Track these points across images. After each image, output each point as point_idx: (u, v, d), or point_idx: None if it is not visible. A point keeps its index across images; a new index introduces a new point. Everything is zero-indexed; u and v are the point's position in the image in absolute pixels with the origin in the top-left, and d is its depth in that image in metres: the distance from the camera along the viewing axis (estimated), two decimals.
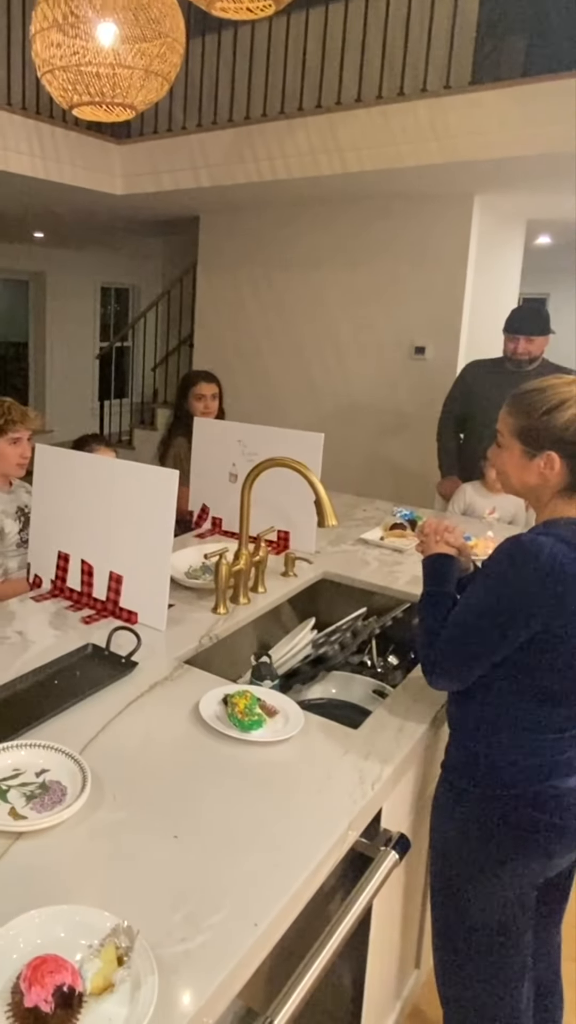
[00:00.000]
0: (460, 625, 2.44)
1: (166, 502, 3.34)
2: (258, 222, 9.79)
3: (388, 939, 2.95)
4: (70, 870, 1.90)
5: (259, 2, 2.99)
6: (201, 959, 1.64)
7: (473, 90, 6.51)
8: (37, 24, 3.08)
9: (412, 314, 8.81)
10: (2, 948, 1.61)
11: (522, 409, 2.47)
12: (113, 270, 15.60)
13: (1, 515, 4.27)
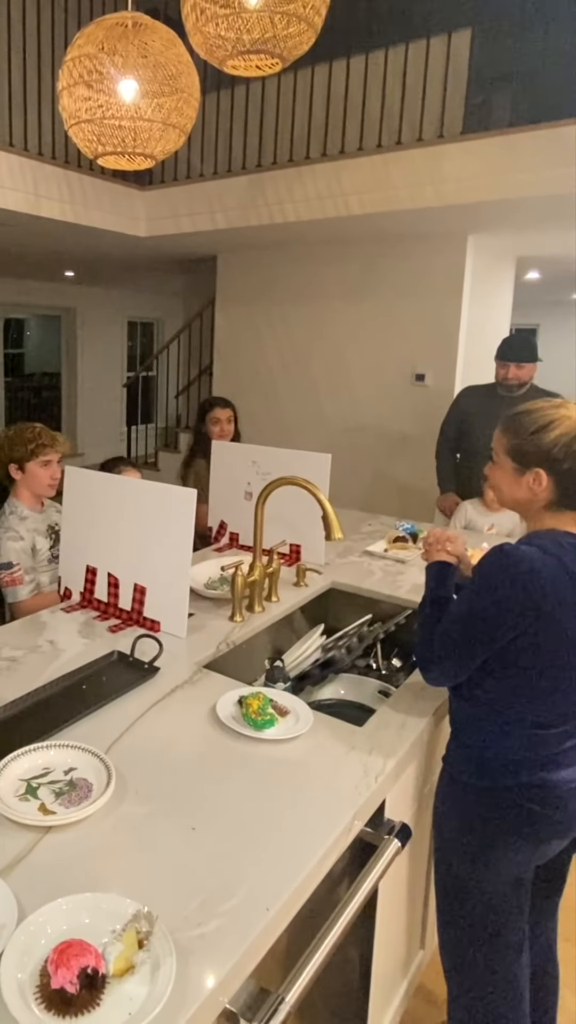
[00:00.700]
0: (451, 625, 2.47)
1: (185, 519, 3.35)
2: (270, 261, 9.81)
3: (394, 921, 2.94)
4: (95, 861, 1.90)
5: (267, 60, 2.99)
6: (216, 942, 1.65)
7: (464, 139, 6.52)
8: (64, 80, 3.10)
9: (412, 344, 8.81)
10: (31, 934, 1.62)
11: (513, 429, 2.48)
12: (138, 305, 15.62)
13: (33, 533, 4.28)
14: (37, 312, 14.23)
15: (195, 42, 2.95)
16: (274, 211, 7.73)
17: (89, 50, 3.01)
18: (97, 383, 14.97)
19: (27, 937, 1.61)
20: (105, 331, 15.05)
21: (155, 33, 3.05)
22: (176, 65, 3.09)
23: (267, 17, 2.78)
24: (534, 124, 6.17)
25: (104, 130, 3.18)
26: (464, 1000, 2.70)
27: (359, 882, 2.11)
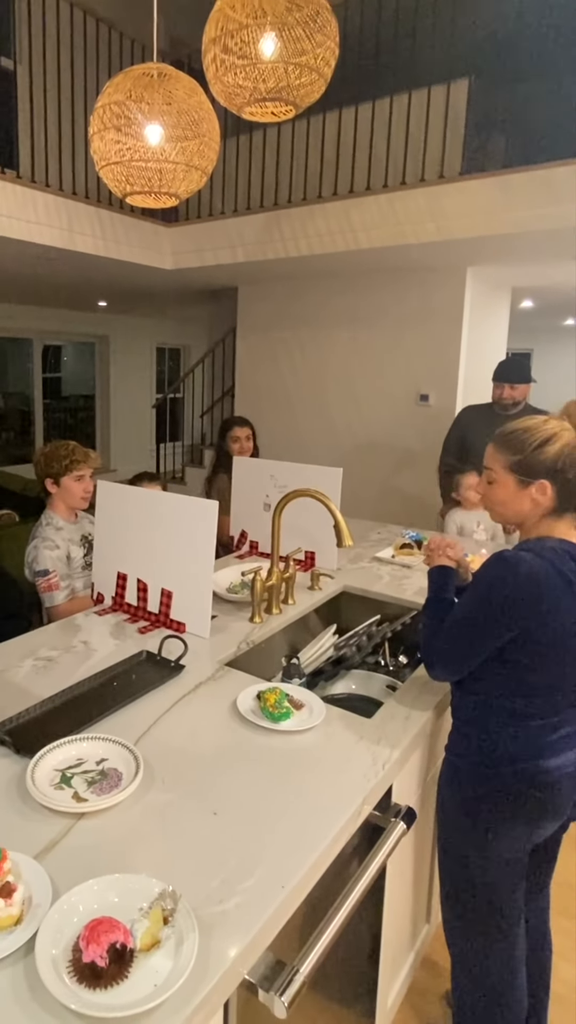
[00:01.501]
0: (454, 625, 2.48)
1: (208, 528, 3.35)
2: (286, 291, 9.81)
3: (401, 897, 2.95)
4: (124, 844, 1.90)
5: (282, 107, 2.99)
6: (236, 918, 1.66)
7: (463, 179, 6.52)
8: (95, 126, 3.10)
9: (416, 367, 8.81)
10: (65, 912, 1.63)
11: (513, 447, 2.48)
12: (166, 333, 15.63)
13: (68, 542, 4.29)
14: (73, 339, 14.25)
15: (215, 90, 2.95)
16: (289, 246, 7.74)
17: (118, 98, 3.02)
18: (128, 404, 14.98)
19: (60, 915, 1.62)
20: (135, 356, 15.07)
21: (179, 82, 3.06)
22: (198, 112, 3.09)
23: (281, 68, 2.78)
24: (527, 166, 6.17)
25: (132, 171, 3.18)
26: (466, 968, 2.73)
27: (368, 861, 2.13)
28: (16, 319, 12.66)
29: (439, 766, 2.84)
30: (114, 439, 14.75)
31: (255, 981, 1.65)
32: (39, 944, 1.54)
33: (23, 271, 8.72)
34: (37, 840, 1.91)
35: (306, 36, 2.73)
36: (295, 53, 2.76)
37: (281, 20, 2.68)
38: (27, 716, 2.58)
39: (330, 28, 2.75)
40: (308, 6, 2.69)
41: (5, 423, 13.47)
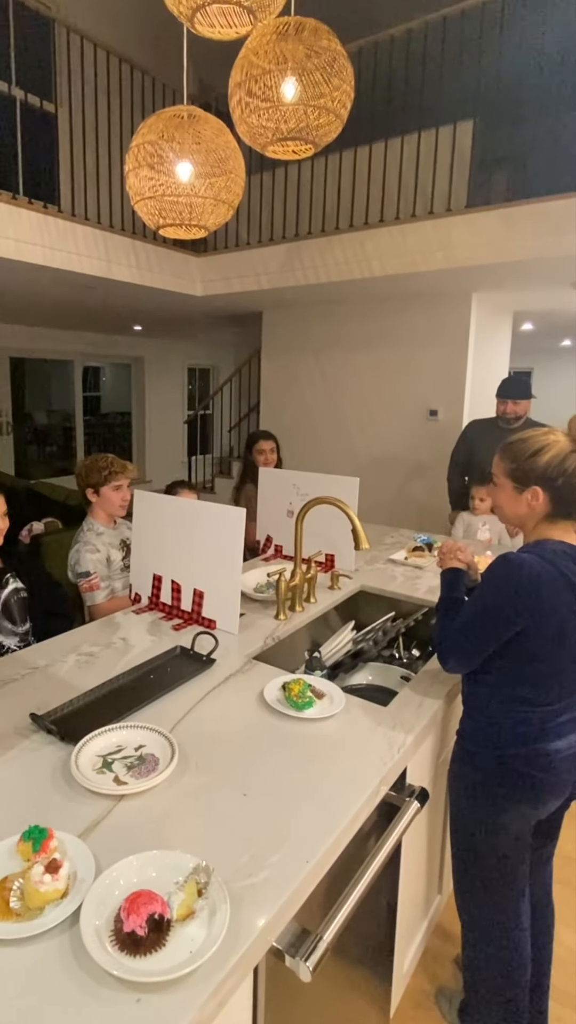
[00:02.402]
0: (464, 622, 2.51)
1: (236, 533, 3.36)
2: (307, 316, 9.81)
3: (415, 870, 2.96)
4: (161, 823, 1.91)
5: (302, 146, 3.00)
6: (264, 890, 1.66)
7: (469, 212, 6.52)
8: (130, 163, 3.11)
9: (426, 385, 8.80)
10: (107, 886, 1.64)
11: (511, 455, 2.54)
12: (196, 354, 15.65)
13: (108, 546, 4.29)
14: (111, 361, 14.27)
15: (241, 131, 2.95)
16: (309, 274, 7.75)
17: (151, 137, 3.03)
18: (162, 420, 15.00)
19: (103, 889, 1.63)
20: (168, 376, 15.09)
21: (207, 123, 3.06)
22: (225, 150, 3.10)
23: (301, 109, 2.78)
24: (527, 199, 6.17)
25: (165, 205, 3.19)
26: (475, 933, 2.76)
27: (385, 838, 2.13)
28: (59, 342, 12.69)
29: (450, 749, 2.86)
30: (149, 452, 14.77)
31: (282, 948, 1.66)
32: (84, 915, 1.55)
33: (65, 298, 8.75)
34: (81, 820, 1.92)
35: (324, 80, 2.73)
36: (314, 96, 2.76)
37: (301, 66, 2.69)
38: (71, 707, 2.59)
39: (346, 73, 2.76)
40: (325, 53, 2.69)
41: (49, 438, 13.52)
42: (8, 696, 2.70)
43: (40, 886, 1.60)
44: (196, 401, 16.03)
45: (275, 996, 1.79)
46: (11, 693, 2.73)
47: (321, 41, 2.68)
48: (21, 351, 12.16)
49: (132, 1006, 1.38)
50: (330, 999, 2.22)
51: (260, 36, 2.70)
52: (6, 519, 3.63)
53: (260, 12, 2.30)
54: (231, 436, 14.21)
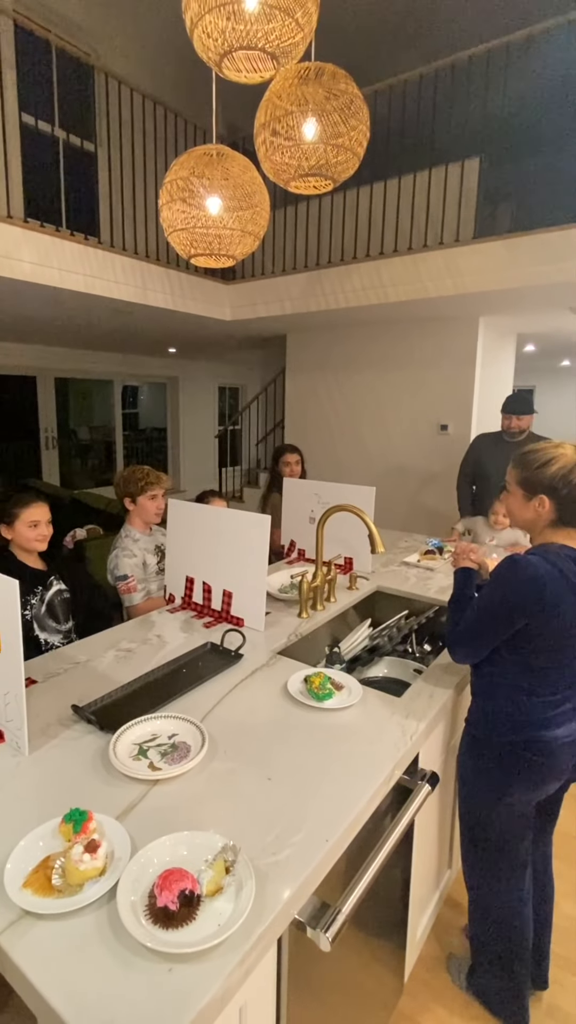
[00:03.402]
0: (473, 617, 2.54)
1: (262, 539, 3.36)
2: (328, 338, 9.81)
3: (427, 848, 2.96)
4: (192, 806, 1.91)
5: (322, 181, 3.00)
6: (287, 867, 1.67)
7: (476, 242, 6.50)
8: (164, 198, 3.12)
9: (437, 402, 8.78)
10: (142, 864, 1.64)
11: (522, 465, 2.56)
12: (226, 374, 15.67)
13: (144, 551, 4.30)
14: (148, 380, 14.30)
15: (266, 168, 2.96)
16: (329, 300, 7.75)
17: (183, 174, 3.03)
18: (195, 435, 15.02)
19: (138, 867, 1.64)
20: (200, 394, 15.11)
21: (235, 161, 3.07)
22: (251, 185, 3.10)
23: (321, 148, 2.79)
24: (529, 231, 6.16)
25: (196, 236, 3.20)
26: (481, 904, 2.81)
27: (399, 818, 2.15)
28: (100, 364, 12.73)
29: (459, 736, 2.90)
30: (183, 464, 14.79)
31: (304, 920, 1.68)
32: (120, 891, 1.56)
33: (105, 323, 8.78)
34: (118, 803, 1.93)
35: (342, 121, 2.73)
36: (333, 136, 2.77)
37: (321, 107, 2.69)
38: (110, 698, 2.60)
39: (362, 114, 2.76)
40: (343, 95, 2.69)
41: (91, 452, 13.54)
42: (52, 689, 2.71)
43: (80, 864, 1.61)
44: (226, 417, 16.06)
45: (297, 965, 1.79)
46: (55, 686, 2.74)
47: (339, 84, 2.69)
48: (66, 372, 12.21)
49: (165, 975, 1.39)
50: (348, 966, 2.21)
51: (283, 80, 2.70)
52: (50, 526, 3.65)
53: (283, 57, 2.30)
54: (258, 449, 14.23)
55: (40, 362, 11.69)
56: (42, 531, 3.60)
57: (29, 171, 7.85)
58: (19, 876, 1.62)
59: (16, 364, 11.32)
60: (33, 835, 1.75)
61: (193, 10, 2.16)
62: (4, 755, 2.19)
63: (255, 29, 2.16)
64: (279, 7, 2.09)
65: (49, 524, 3.63)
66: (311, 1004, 1.93)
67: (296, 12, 2.12)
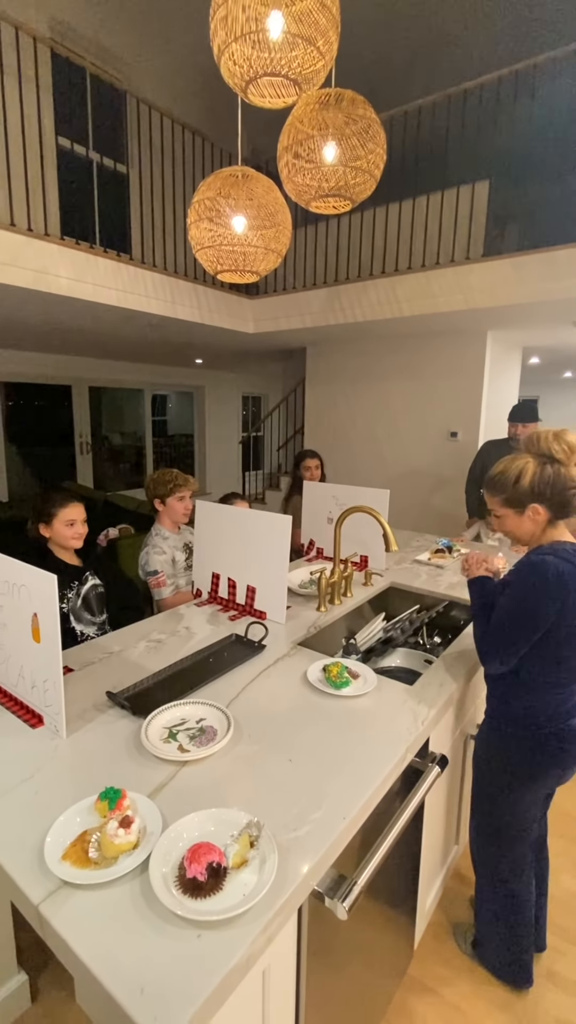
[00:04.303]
0: (499, 625, 2.50)
1: (283, 538, 3.37)
2: (345, 350, 9.82)
3: (436, 825, 2.98)
4: (219, 785, 1.92)
5: (341, 202, 3.01)
6: (307, 842, 1.68)
7: (485, 260, 6.49)
8: (192, 217, 3.13)
9: (447, 410, 8.78)
10: (172, 839, 1.66)
11: (499, 488, 2.56)
12: (249, 384, 15.67)
13: (173, 549, 4.32)
14: (176, 389, 14.30)
15: (288, 188, 2.97)
16: (347, 314, 7.75)
17: (210, 194, 3.05)
18: (220, 441, 15.02)
19: (168, 841, 1.65)
20: (225, 403, 15.11)
21: (259, 182, 3.08)
22: (274, 205, 3.11)
23: (341, 170, 2.80)
24: (534, 249, 6.15)
25: (222, 253, 3.21)
26: (489, 878, 2.84)
27: (410, 797, 2.17)
28: (131, 374, 12.75)
29: (467, 723, 2.97)
30: (209, 468, 14.79)
31: (322, 891, 1.69)
32: (152, 864, 1.58)
33: (137, 336, 8.79)
34: (150, 782, 1.94)
35: (360, 144, 2.74)
36: (351, 158, 2.77)
37: (340, 132, 2.70)
38: (141, 686, 2.61)
39: (379, 138, 2.76)
40: (362, 120, 2.70)
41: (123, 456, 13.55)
42: (88, 677, 2.73)
43: (114, 839, 1.63)
44: (249, 424, 16.05)
45: (316, 932, 1.80)
46: (90, 674, 2.75)
47: (358, 110, 2.69)
48: (99, 381, 12.23)
49: (194, 941, 1.40)
50: (363, 934, 2.23)
51: (305, 105, 2.71)
52: (86, 525, 3.67)
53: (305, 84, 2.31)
54: (279, 455, 14.24)
55: (75, 372, 11.73)
56: (78, 529, 3.62)
57: (65, 191, 7.89)
58: (58, 849, 1.64)
59: (52, 374, 11.36)
60: (71, 811, 1.77)
61: (220, 38, 2.17)
62: (43, 738, 2.21)
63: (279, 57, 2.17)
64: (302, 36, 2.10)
65: (84, 523, 3.65)
66: (328, 968, 1.95)
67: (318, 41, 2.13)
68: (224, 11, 2.15)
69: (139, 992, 1.29)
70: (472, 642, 3.06)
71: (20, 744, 2.17)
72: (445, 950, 3.08)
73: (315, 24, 2.11)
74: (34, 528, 3.65)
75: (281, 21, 2.09)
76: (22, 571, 2.23)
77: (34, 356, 10.98)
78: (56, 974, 2.87)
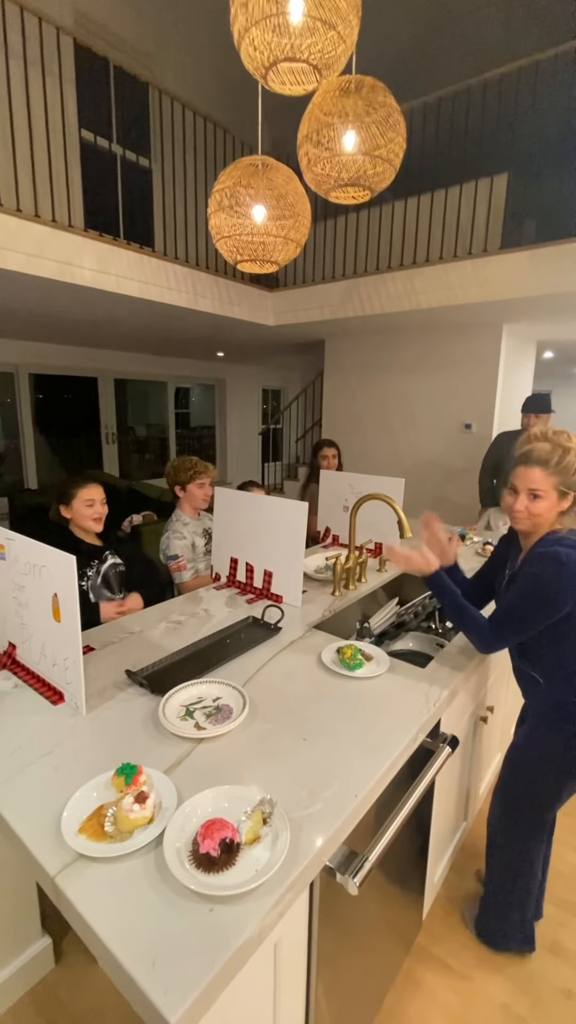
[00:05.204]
0: (511, 608, 2.46)
1: (300, 524, 3.36)
2: (363, 343, 9.82)
3: (446, 803, 2.98)
4: (234, 762, 1.92)
5: (360, 192, 2.98)
6: (319, 819, 1.67)
7: (502, 253, 6.46)
8: (212, 207, 3.11)
9: (463, 402, 8.77)
10: (187, 815, 1.66)
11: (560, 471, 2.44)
12: (269, 377, 15.70)
13: (193, 534, 4.32)
14: (198, 382, 14.33)
15: (308, 179, 2.93)
16: (365, 306, 7.73)
17: (229, 184, 3.03)
18: (240, 432, 15.06)
19: (183, 817, 1.65)
20: (245, 395, 15.14)
21: (278, 171, 3.05)
22: (294, 196, 3.08)
23: (360, 159, 2.76)
24: (551, 242, 6.12)
25: (241, 243, 3.18)
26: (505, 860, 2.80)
27: (421, 776, 2.16)
28: (155, 367, 12.79)
29: (479, 704, 3.02)
30: (230, 459, 14.83)
31: (334, 867, 1.68)
32: (167, 838, 1.57)
33: (160, 327, 8.79)
34: (166, 759, 1.93)
35: (380, 133, 2.70)
36: (372, 147, 2.73)
37: (360, 120, 2.66)
38: (160, 665, 2.61)
39: (400, 127, 2.72)
40: (382, 108, 2.66)
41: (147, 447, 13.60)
42: (109, 656, 2.73)
43: (130, 813, 1.62)
44: (268, 416, 16.09)
45: (327, 906, 1.80)
46: (111, 653, 2.75)
47: (378, 97, 2.65)
48: (125, 374, 12.28)
49: (206, 915, 1.39)
50: (374, 907, 2.23)
51: (325, 92, 2.67)
52: (105, 505, 3.68)
53: (325, 70, 2.27)
54: (298, 446, 14.26)
55: (101, 364, 11.79)
56: (98, 509, 3.62)
57: (89, 184, 7.91)
58: (75, 823, 1.64)
59: (80, 366, 11.42)
60: (88, 786, 1.77)
61: (240, 23, 2.14)
62: (63, 714, 2.21)
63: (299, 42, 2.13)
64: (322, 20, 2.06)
65: (104, 503, 3.66)
66: (339, 941, 1.96)
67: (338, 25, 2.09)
68: None
69: (151, 965, 1.28)
70: None
71: (41, 720, 2.17)
72: (453, 921, 3.09)
73: (336, 8, 2.07)
74: (56, 510, 3.66)
75: (302, 4, 2.06)
76: (43, 552, 2.23)
77: (61, 349, 11.05)
78: (79, 938, 2.89)
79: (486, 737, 3.46)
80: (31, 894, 2.69)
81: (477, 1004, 2.69)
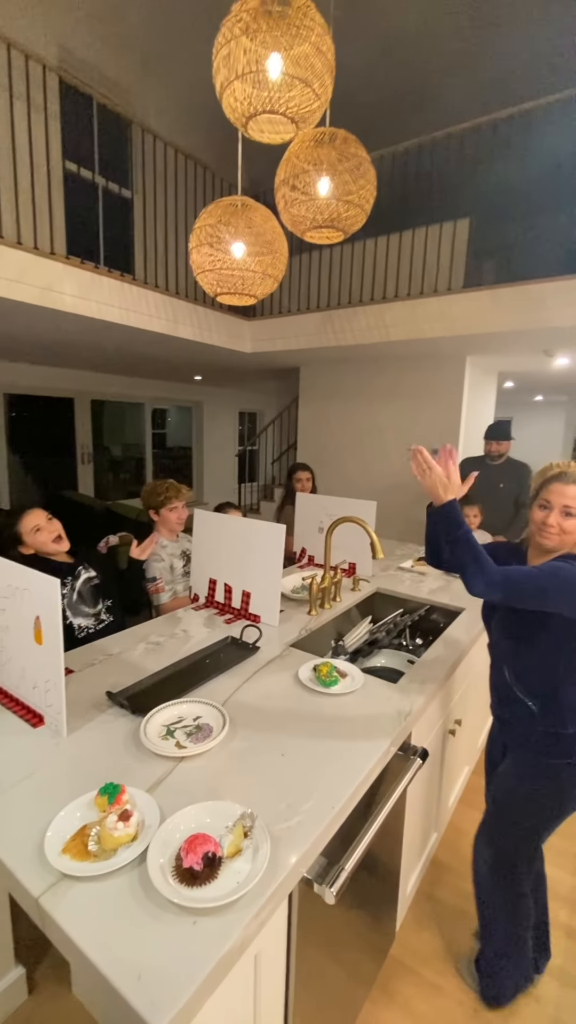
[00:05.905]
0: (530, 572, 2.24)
1: (277, 546, 3.37)
2: (336, 371, 9.83)
3: (417, 813, 2.99)
4: (214, 779, 1.92)
5: (333, 233, 3.02)
6: (298, 832, 1.69)
7: (465, 292, 6.55)
8: (193, 242, 3.14)
9: (429, 428, 8.81)
10: (170, 830, 1.66)
11: None
12: (245, 400, 15.67)
13: (171, 556, 4.31)
14: (176, 404, 14.28)
15: (284, 219, 2.98)
16: (338, 337, 7.77)
17: (211, 221, 3.05)
18: (217, 453, 15.02)
19: (166, 833, 1.65)
20: (222, 418, 15.11)
21: (257, 211, 3.08)
22: (271, 234, 3.11)
23: (334, 203, 2.80)
24: (510, 283, 6.24)
25: (221, 277, 3.21)
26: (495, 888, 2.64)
27: (394, 787, 2.21)
28: (133, 388, 12.73)
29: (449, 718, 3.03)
30: (206, 480, 14.79)
31: (311, 877, 1.71)
32: (150, 855, 1.58)
33: (138, 352, 8.77)
34: (148, 777, 1.94)
35: (352, 180, 2.75)
36: (344, 193, 2.78)
37: (333, 168, 2.71)
38: (140, 685, 2.60)
39: (370, 175, 2.77)
40: (354, 158, 2.71)
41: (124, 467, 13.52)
42: (89, 677, 2.72)
43: (114, 832, 1.63)
44: (245, 438, 16.06)
45: (305, 916, 1.81)
46: (91, 675, 2.74)
47: (350, 148, 2.70)
48: (102, 395, 12.21)
49: (190, 927, 1.40)
50: (350, 916, 2.24)
51: (301, 142, 2.72)
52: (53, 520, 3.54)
53: (301, 122, 2.31)
54: (273, 468, 14.24)
55: (78, 385, 11.71)
56: (48, 530, 3.52)
57: (72, 213, 7.94)
58: (59, 843, 1.64)
59: (56, 387, 11.34)
60: (71, 807, 1.76)
61: (223, 76, 2.18)
62: (44, 737, 2.19)
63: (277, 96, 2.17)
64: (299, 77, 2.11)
65: (50, 519, 3.56)
66: (317, 951, 1.96)
67: (314, 83, 2.14)
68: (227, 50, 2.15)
69: (136, 978, 1.28)
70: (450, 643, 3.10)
71: (21, 743, 2.16)
72: (425, 932, 3.08)
73: (311, 68, 2.12)
74: (17, 554, 3.57)
75: (280, 63, 2.09)
76: (25, 575, 2.22)
77: (38, 369, 10.97)
78: (52, 967, 2.84)
79: (455, 749, 3.48)
80: (4, 924, 2.64)
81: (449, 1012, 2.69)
